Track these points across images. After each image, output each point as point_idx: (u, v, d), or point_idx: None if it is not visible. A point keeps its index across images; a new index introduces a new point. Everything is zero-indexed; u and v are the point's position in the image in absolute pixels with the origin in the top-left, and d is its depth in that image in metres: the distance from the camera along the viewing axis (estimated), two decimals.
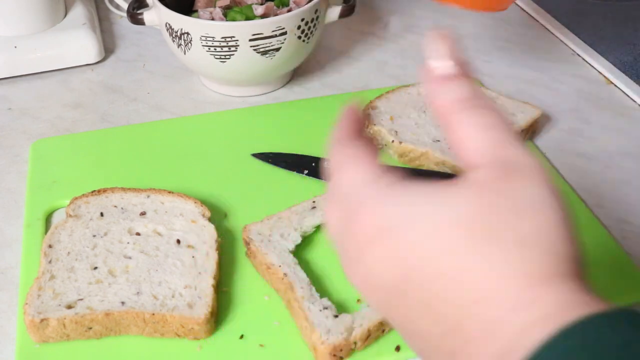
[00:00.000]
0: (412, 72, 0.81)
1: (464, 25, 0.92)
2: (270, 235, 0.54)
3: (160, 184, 0.61)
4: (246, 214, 0.59)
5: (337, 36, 0.89)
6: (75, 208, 0.57)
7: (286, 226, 0.56)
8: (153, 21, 0.74)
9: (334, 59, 0.84)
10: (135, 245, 0.54)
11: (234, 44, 0.68)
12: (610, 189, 0.63)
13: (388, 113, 0.68)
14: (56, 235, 0.54)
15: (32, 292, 0.50)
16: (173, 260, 0.53)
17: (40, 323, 0.48)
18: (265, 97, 0.77)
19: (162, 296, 0.50)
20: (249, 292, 0.53)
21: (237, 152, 0.67)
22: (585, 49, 0.85)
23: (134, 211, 0.57)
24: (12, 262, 0.57)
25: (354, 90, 0.78)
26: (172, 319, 0.48)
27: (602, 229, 0.58)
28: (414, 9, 0.96)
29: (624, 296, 0.52)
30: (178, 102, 0.76)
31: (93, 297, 0.49)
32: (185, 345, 0.49)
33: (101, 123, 0.73)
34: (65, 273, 0.51)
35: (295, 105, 0.74)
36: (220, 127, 0.71)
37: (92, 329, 0.48)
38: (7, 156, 0.68)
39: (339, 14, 0.75)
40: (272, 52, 0.70)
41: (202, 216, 0.57)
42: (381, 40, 0.88)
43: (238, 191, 0.62)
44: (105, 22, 0.91)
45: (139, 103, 0.76)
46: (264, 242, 0.54)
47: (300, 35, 0.71)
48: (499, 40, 0.88)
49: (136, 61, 0.84)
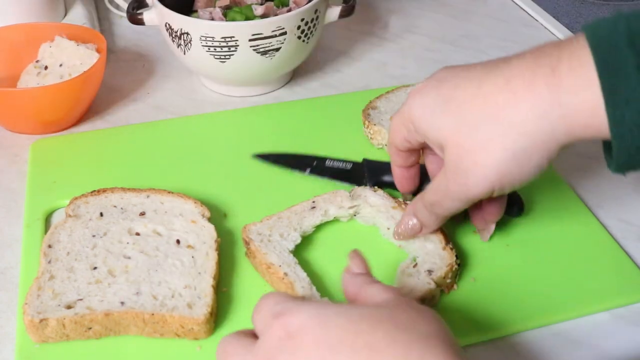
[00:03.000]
0: (412, 72, 0.81)
1: (464, 25, 0.92)
2: (270, 235, 0.54)
3: (160, 184, 0.61)
4: (246, 214, 0.59)
5: (337, 36, 0.89)
6: (74, 208, 0.57)
7: (286, 226, 0.55)
8: (153, 21, 0.74)
9: (333, 59, 0.84)
10: (134, 246, 0.54)
11: (233, 44, 0.68)
12: (610, 189, 0.63)
13: (388, 113, 0.68)
14: (56, 235, 0.54)
15: (32, 292, 0.50)
16: (173, 260, 0.53)
17: (40, 323, 0.48)
18: (265, 97, 0.77)
19: (161, 296, 0.50)
20: (249, 292, 0.53)
21: (237, 152, 0.67)
22: None
23: (134, 211, 0.57)
24: (11, 262, 0.57)
25: (354, 90, 0.78)
26: (172, 319, 0.48)
27: (602, 229, 0.58)
28: (414, 9, 0.96)
29: (623, 296, 0.52)
30: (178, 102, 0.76)
31: (92, 297, 0.49)
32: (185, 345, 0.49)
33: (101, 123, 0.73)
34: (65, 273, 0.51)
35: (295, 105, 0.74)
36: (220, 127, 0.71)
37: (91, 329, 0.48)
38: (7, 156, 0.68)
39: (338, 14, 0.75)
40: (272, 52, 0.70)
41: (201, 216, 0.57)
42: (381, 40, 0.88)
43: (238, 191, 0.62)
44: (105, 22, 0.92)
45: (139, 103, 0.76)
46: (264, 242, 0.54)
47: (300, 36, 0.71)
48: (499, 40, 0.88)
49: (136, 61, 0.84)
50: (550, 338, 0.50)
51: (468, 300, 0.52)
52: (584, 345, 0.49)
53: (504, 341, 0.50)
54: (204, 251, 0.53)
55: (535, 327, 0.50)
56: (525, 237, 0.57)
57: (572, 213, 0.59)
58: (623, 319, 0.51)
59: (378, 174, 0.61)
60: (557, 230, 0.58)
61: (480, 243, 0.56)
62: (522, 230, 0.57)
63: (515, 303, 0.51)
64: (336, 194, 0.58)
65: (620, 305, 0.52)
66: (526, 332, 0.50)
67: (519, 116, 0.43)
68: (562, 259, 0.55)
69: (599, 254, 0.56)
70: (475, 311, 0.51)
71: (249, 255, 0.55)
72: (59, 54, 0.72)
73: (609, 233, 0.58)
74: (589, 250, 0.56)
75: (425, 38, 0.89)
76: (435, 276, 0.51)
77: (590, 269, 0.54)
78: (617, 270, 0.54)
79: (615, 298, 0.52)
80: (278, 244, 0.54)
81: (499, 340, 0.50)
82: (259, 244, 0.53)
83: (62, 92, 0.67)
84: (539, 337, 0.50)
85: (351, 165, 0.63)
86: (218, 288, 0.52)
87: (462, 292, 0.52)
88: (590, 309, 0.51)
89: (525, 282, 0.53)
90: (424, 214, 0.51)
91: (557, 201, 0.60)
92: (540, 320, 0.51)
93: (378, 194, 0.58)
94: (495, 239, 0.57)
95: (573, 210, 0.60)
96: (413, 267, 0.52)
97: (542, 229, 0.58)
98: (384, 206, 0.57)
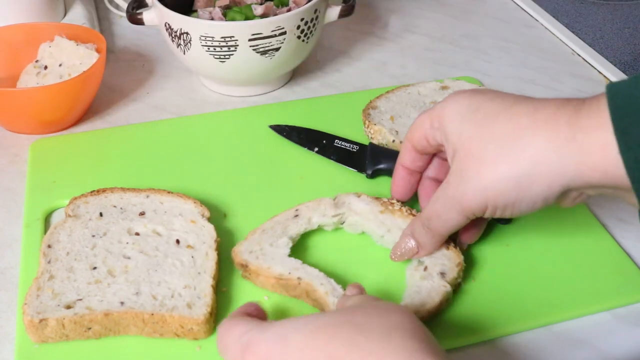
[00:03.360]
0: (412, 72, 0.81)
1: (464, 25, 0.92)
2: (261, 249, 0.53)
3: (160, 184, 0.61)
4: (246, 214, 0.59)
5: (337, 36, 0.89)
6: (74, 208, 0.57)
7: (272, 236, 0.54)
8: (152, 21, 0.74)
9: (333, 59, 0.84)
10: (134, 245, 0.54)
11: (233, 43, 0.68)
12: None
13: (388, 113, 0.68)
14: (55, 235, 0.54)
15: (31, 292, 0.50)
16: (172, 260, 0.53)
17: (40, 323, 0.48)
18: (265, 97, 0.77)
19: (161, 296, 0.50)
20: (249, 292, 0.53)
21: (237, 152, 0.67)
22: (585, 49, 0.85)
23: (133, 211, 0.57)
24: (11, 262, 0.57)
25: (354, 90, 0.78)
26: (172, 319, 0.48)
27: (602, 229, 0.58)
28: (414, 8, 0.96)
29: (624, 296, 0.52)
30: (178, 102, 0.76)
31: (92, 297, 0.49)
32: (185, 345, 0.49)
33: (101, 123, 0.73)
34: (65, 273, 0.51)
35: (295, 105, 0.74)
36: (220, 127, 0.71)
37: (91, 329, 0.48)
38: (7, 156, 0.68)
39: (338, 14, 0.75)
40: (271, 52, 0.70)
41: (201, 216, 0.57)
42: (381, 40, 0.88)
43: (238, 191, 0.62)
44: (105, 22, 0.91)
45: (139, 103, 0.76)
46: (260, 258, 0.52)
47: (300, 35, 0.71)
48: (499, 40, 0.88)
49: (136, 61, 0.83)
50: (550, 338, 0.50)
51: (468, 301, 0.52)
52: (584, 345, 0.49)
53: (504, 341, 0.50)
54: (204, 251, 0.53)
55: (535, 327, 0.50)
56: (525, 237, 0.57)
57: (572, 213, 0.59)
58: (623, 319, 0.51)
59: (379, 159, 0.62)
60: (557, 230, 0.58)
61: (480, 243, 0.56)
62: (522, 230, 0.57)
63: (515, 303, 0.51)
64: (320, 202, 0.57)
65: (621, 305, 0.52)
66: (526, 332, 0.50)
67: (533, 142, 0.43)
68: (562, 259, 0.55)
69: (598, 254, 0.56)
70: (475, 311, 0.51)
71: (249, 277, 0.53)
72: (59, 53, 0.72)
73: (609, 233, 0.58)
74: (589, 250, 0.56)
75: (425, 38, 0.89)
76: (448, 278, 0.51)
77: (590, 269, 0.54)
78: (617, 270, 0.54)
79: (615, 298, 0.52)
80: (274, 253, 0.53)
81: (499, 340, 0.50)
82: (256, 262, 0.52)
83: (62, 92, 0.67)
84: (539, 337, 0.50)
85: (358, 147, 0.65)
86: (218, 288, 0.52)
87: (462, 292, 0.52)
88: (590, 309, 0.51)
89: (525, 282, 0.53)
90: (421, 233, 0.51)
91: None
92: (540, 320, 0.51)
93: (362, 200, 0.57)
94: (495, 239, 0.56)
95: (573, 210, 0.60)
96: (424, 270, 0.52)
97: (542, 229, 0.58)
98: (372, 213, 0.56)
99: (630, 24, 0.90)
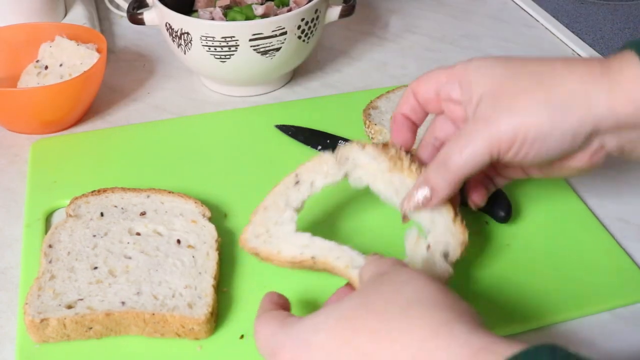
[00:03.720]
0: (412, 71, 0.81)
1: (464, 25, 0.92)
2: (267, 231, 0.51)
3: (160, 184, 0.61)
4: (246, 214, 0.59)
5: (337, 36, 0.89)
6: (75, 208, 0.57)
7: (275, 213, 0.52)
8: (153, 21, 0.74)
9: (334, 59, 0.84)
10: (135, 245, 0.54)
11: (234, 43, 0.69)
12: (610, 189, 0.63)
13: (388, 113, 0.68)
14: (56, 235, 0.54)
15: (32, 292, 0.50)
16: (173, 260, 0.53)
17: (40, 323, 0.48)
18: (265, 97, 0.77)
19: (162, 296, 0.50)
20: (249, 292, 0.53)
21: (237, 152, 0.67)
22: (585, 49, 0.85)
23: (134, 211, 0.57)
24: (12, 262, 0.57)
25: (354, 90, 0.78)
26: (173, 319, 0.48)
27: (602, 229, 0.58)
28: (414, 9, 0.96)
29: (624, 296, 0.52)
30: (178, 102, 0.76)
31: (93, 297, 0.49)
32: (186, 345, 0.49)
33: (102, 123, 0.73)
34: (66, 273, 0.51)
35: (295, 105, 0.74)
36: (220, 127, 0.71)
37: (92, 329, 0.48)
38: (7, 156, 0.68)
39: (339, 14, 0.75)
40: (272, 52, 0.70)
41: (202, 216, 0.57)
42: (381, 40, 0.88)
43: (238, 191, 0.62)
44: (105, 22, 0.92)
45: (139, 103, 0.76)
46: (267, 241, 0.51)
47: (300, 35, 0.71)
48: (499, 40, 0.88)
49: (136, 61, 0.84)
50: (550, 338, 0.50)
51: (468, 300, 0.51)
52: (584, 345, 0.49)
53: None
54: (205, 251, 0.53)
55: (535, 327, 0.50)
56: (525, 237, 0.57)
57: (572, 213, 0.59)
58: (623, 319, 0.51)
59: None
60: (557, 230, 0.58)
61: (480, 243, 0.56)
62: (522, 230, 0.58)
63: (515, 303, 0.51)
64: (320, 160, 0.53)
65: (621, 305, 0.52)
66: (526, 333, 0.50)
67: (570, 77, 0.45)
68: (562, 259, 0.55)
69: (599, 253, 0.56)
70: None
71: (265, 261, 0.51)
72: (59, 54, 0.72)
73: (609, 233, 0.58)
74: (589, 250, 0.56)
75: (426, 38, 0.89)
76: (451, 260, 0.49)
77: (590, 269, 0.54)
78: (617, 270, 0.54)
79: (615, 298, 0.52)
80: (280, 232, 0.51)
81: None
82: (265, 248, 0.51)
83: (62, 92, 0.67)
84: (539, 337, 0.50)
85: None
86: (218, 288, 0.52)
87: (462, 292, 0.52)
88: (591, 309, 0.51)
89: (525, 282, 0.53)
90: (437, 173, 0.48)
91: (557, 201, 0.60)
92: (540, 320, 0.51)
93: (368, 153, 0.52)
94: (495, 239, 0.57)
95: (573, 210, 0.60)
96: (427, 248, 0.49)
97: (542, 229, 0.58)
98: (379, 171, 0.52)
99: (630, 24, 0.90)
